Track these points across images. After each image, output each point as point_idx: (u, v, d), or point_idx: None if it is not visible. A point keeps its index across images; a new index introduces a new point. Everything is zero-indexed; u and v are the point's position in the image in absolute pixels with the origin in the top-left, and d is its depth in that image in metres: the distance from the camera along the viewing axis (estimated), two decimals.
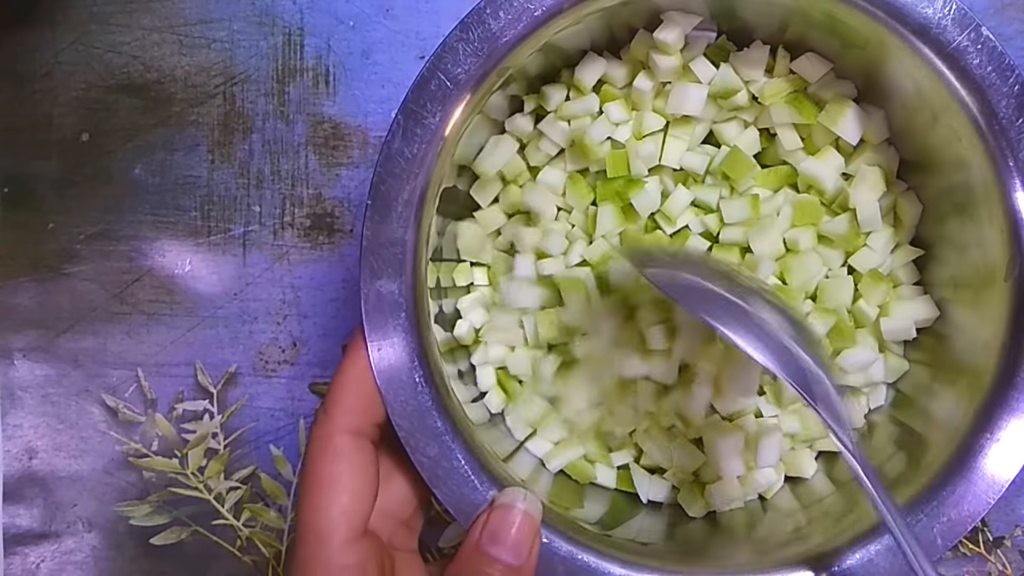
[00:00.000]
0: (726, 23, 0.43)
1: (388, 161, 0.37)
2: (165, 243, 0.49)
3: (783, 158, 0.44)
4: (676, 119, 0.43)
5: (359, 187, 0.49)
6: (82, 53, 0.49)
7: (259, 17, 0.49)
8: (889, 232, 0.43)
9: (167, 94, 0.49)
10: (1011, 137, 0.37)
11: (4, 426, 0.49)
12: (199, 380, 0.49)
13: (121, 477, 0.49)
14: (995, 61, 0.37)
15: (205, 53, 0.49)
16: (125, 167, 0.49)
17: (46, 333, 0.49)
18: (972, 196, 0.39)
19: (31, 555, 0.49)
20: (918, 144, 0.42)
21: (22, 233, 0.49)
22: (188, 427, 0.49)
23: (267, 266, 0.49)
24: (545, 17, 0.38)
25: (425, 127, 0.37)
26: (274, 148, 0.49)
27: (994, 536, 0.48)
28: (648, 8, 0.42)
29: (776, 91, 0.42)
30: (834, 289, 0.42)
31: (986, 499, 0.37)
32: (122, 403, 0.49)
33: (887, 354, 0.43)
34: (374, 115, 0.49)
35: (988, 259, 0.39)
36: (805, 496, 0.43)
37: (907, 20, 0.37)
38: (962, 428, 0.38)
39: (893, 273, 0.44)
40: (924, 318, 0.42)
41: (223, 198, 0.49)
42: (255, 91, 0.49)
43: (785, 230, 0.43)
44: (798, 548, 0.38)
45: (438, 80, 0.37)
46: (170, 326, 0.49)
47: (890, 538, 0.37)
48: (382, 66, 0.49)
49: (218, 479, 0.49)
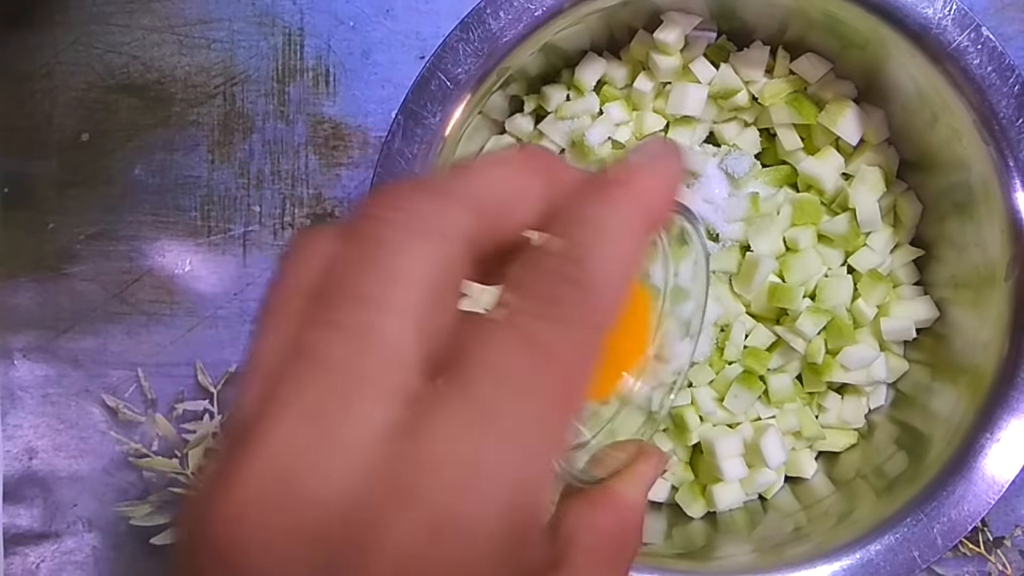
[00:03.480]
0: (726, 23, 0.43)
1: (388, 161, 0.37)
2: (165, 243, 0.49)
3: (783, 158, 0.44)
4: (676, 119, 0.43)
5: (359, 187, 0.49)
6: (82, 53, 0.49)
7: (259, 17, 0.49)
8: (889, 232, 0.43)
9: (167, 94, 0.49)
10: (1011, 137, 0.37)
11: (4, 426, 0.49)
12: (199, 380, 0.49)
13: (121, 477, 0.49)
14: (995, 61, 0.37)
15: (205, 53, 0.49)
16: (125, 167, 0.49)
17: (46, 333, 0.49)
18: (972, 196, 0.39)
19: (31, 555, 0.49)
20: (918, 144, 0.42)
21: (22, 233, 0.49)
22: (188, 427, 0.49)
23: (267, 266, 0.49)
24: (545, 17, 0.38)
25: (425, 127, 0.37)
26: (274, 148, 0.49)
27: (994, 536, 0.48)
28: (648, 8, 0.42)
29: (776, 91, 0.42)
30: (833, 288, 0.42)
31: (986, 499, 0.37)
32: (122, 403, 0.49)
33: (887, 354, 0.43)
34: (374, 115, 0.49)
35: (988, 259, 0.39)
36: (805, 496, 0.43)
37: (907, 20, 0.37)
38: (962, 428, 0.38)
39: (893, 273, 0.44)
40: (924, 318, 0.42)
41: (223, 198, 0.49)
42: (255, 91, 0.49)
43: (785, 229, 0.43)
44: (798, 548, 0.38)
45: (438, 80, 0.37)
46: (170, 326, 0.49)
47: (890, 538, 0.37)
48: (382, 66, 0.49)
49: None
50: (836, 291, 0.42)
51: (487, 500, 0.19)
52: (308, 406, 0.19)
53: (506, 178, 0.22)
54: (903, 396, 0.44)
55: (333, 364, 0.19)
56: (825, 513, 0.41)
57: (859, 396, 0.44)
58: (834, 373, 0.42)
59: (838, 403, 0.44)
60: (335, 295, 0.20)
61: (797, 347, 0.42)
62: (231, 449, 0.19)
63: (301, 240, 0.22)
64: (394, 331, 0.20)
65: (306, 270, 0.21)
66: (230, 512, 0.19)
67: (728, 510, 0.43)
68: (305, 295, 0.21)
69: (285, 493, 0.19)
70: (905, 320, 0.42)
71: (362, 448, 0.19)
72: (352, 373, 0.19)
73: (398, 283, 0.20)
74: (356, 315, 0.20)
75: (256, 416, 0.19)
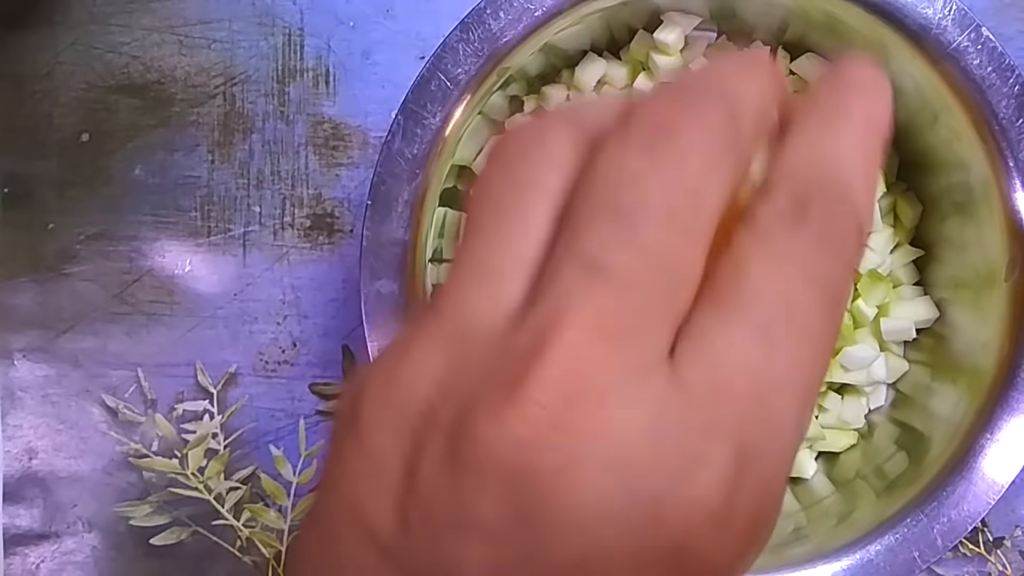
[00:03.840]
0: (726, 23, 0.43)
1: (388, 161, 0.37)
2: (165, 243, 0.49)
3: None
4: None
5: (359, 187, 0.49)
6: (82, 53, 0.49)
7: (259, 17, 0.49)
8: (889, 232, 0.43)
9: (167, 94, 0.49)
10: (1011, 137, 0.37)
11: (4, 426, 0.49)
12: (199, 380, 0.49)
13: (121, 477, 0.49)
14: (995, 61, 0.37)
15: (205, 53, 0.49)
16: (125, 167, 0.49)
17: (46, 333, 0.49)
18: (972, 196, 0.39)
19: (31, 555, 0.49)
20: (918, 144, 0.42)
21: (22, 233, 0.49)
22: (188, 427, 0.49)
23: (267, 266, 0.49)
24: (545, 17, 0.38)
25: (425, 127, 0.37)
26: (274, 148, 0.49)
27: (994, 536, 0.48)
28: (648, 8, 0.42)
29: None
30: None
31: (986, 499, 0.37)
32: (122, 403, 0.49)
33: (887, 354, 0.43)
34: (374, 115, 0.49)
35: (988, 259, 0.39)
36: (805, 496, 0.43)
37: (907, 20, 0.37)
38: (962, 428, 0.38)
39: (893, 273, 0.44)
40: (924, 318, 0.42)
41: (223, 198, 0.49)
42: (255, 91, 0.49)
43: None
44: (798, 548, 0.38)
45: (438, 80, 0.37)
46: (170, 326, 0.49)
47: (890, 538, 0.37)
48: (382, 66, 0.49)
49: (218, 479, 0.49)
50: None
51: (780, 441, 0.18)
52: (602, 325, 0.18)
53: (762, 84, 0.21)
54: (903, 396, 0.44)
55: (629, 285, 0.18)
56: (825, 513, 0.41)
57: (859, 396, 0.44)
58: (834, 373, 0.42)
59: (838, 403, 0.44)
60: (637, 213, 0.18)
61: None
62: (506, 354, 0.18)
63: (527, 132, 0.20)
64: (693, 261, 0.19)
65: (552, 170, 0.19)
66: (526, 434, 0.17)
67: None
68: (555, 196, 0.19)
69: (590, 420, 0.17)
70: (905, 320, 0.42)
71: (656, 372, 0.18)
72: (647, 297, 0.18)
73: (706, 210, 0.19)
74: (661, 239, 0.18)
75: (541, 327, 0.18)
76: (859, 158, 0.21)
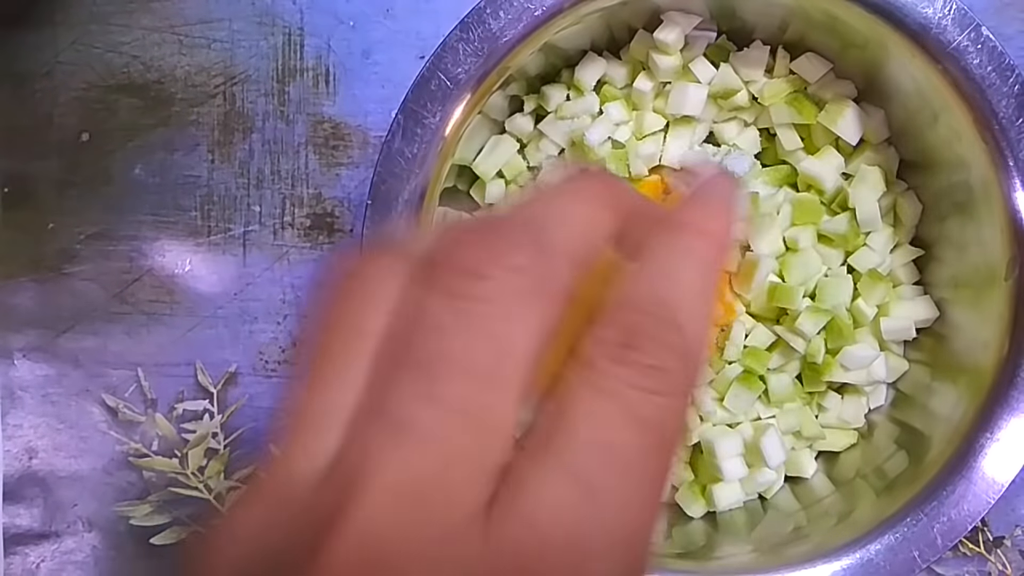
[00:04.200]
0: (726, 23, 0.43)
1: (388, 161, 0.37)
2: (165, 243, 0.49)
3: (783, 158, 0.44)
4: (676, 119, 0.43)
5: (359, 187, 0.49)
6: (82, 53, 0.49)
7: (259, 17, 0.49)
8: (889, 232, 0.43)
9: (167, 94, 0.49)
10: (1011, 137, 0.37)
11: (4, 426, 0.49)
12: (199, 380, 0.49)
13: (121, 477, 0.49)
14: (995, 61, 0.37)
15: (205, 53, 0.49)
16: (125, 167, 0.49)
17: (46, 333, 0.49)
18: (972, 196, 0.39)
19: (31, 555, 0.49)
20: (918, 144, 0.42)
21: (22, 233, 0.49)
22: (188, 427, 0.49)
23: (267, 266, 0.49)
24: (545, 17, 0.38)
25: (425, 127, 0.37)
26: (274, 148, 0.49)
27: (994, 536, 0.48)
28: (648, 8, 0.42)
29: (776, 91, 0.42)
30: (833, 288, 0.42)
31: (986, 499, 0.37)
32: (122, 403, 0.49)
33: (887, 354, 0.43)
34: (374, 115, 0.49)
35: (988, 259, 0.39)
36: (805, 496, 0.43)
37: (907, 20, 0.37)
38: (962, 428, 0.38)
39: (893, 273, 0.44)
40: (924, 318, 0.42)
41: (223, 198, 0.49)
42: (255, 91, 0.49)
43: (785, 228, 0.43)
44: (798, 548, 0.38)
45: (438, 80, 0.37)
46: (170, 326, 0.49)
47: (890, 538, 0.37)
48: (382, 66, 0.49)
49: (218, 479, 0.49)
50: (836, 291, 0.42)
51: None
52: (404, 485, 0.17)
53: (587, 217, 0.20)
54: (903, 396, 0.44)
55: (431, 441, 0.17)
56: (825, 513, 0.41)
57: (859, 396, 0.44)
58: (834, 373, 0.42)
59: (838, 403, 0.44)
60: (438, 365, 0.18)
61: (797, 347, 0.42)
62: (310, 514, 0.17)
63: (354, 269, 0.20)
64: (501, 410, 0.18)
65: (372, 312, 0.19)
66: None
67: (728, 510, 0.43)
68: (373, 340, 0.19)
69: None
70: (905, 320, 0.42)
71: (465, 534, 0.17)
72: (452, 452, 0.17)
73: (510, 357, 0.18)
74: (463, 391, 0.18)
75: (343, 487, 0.17)
76: (697, 280, 0.20)
